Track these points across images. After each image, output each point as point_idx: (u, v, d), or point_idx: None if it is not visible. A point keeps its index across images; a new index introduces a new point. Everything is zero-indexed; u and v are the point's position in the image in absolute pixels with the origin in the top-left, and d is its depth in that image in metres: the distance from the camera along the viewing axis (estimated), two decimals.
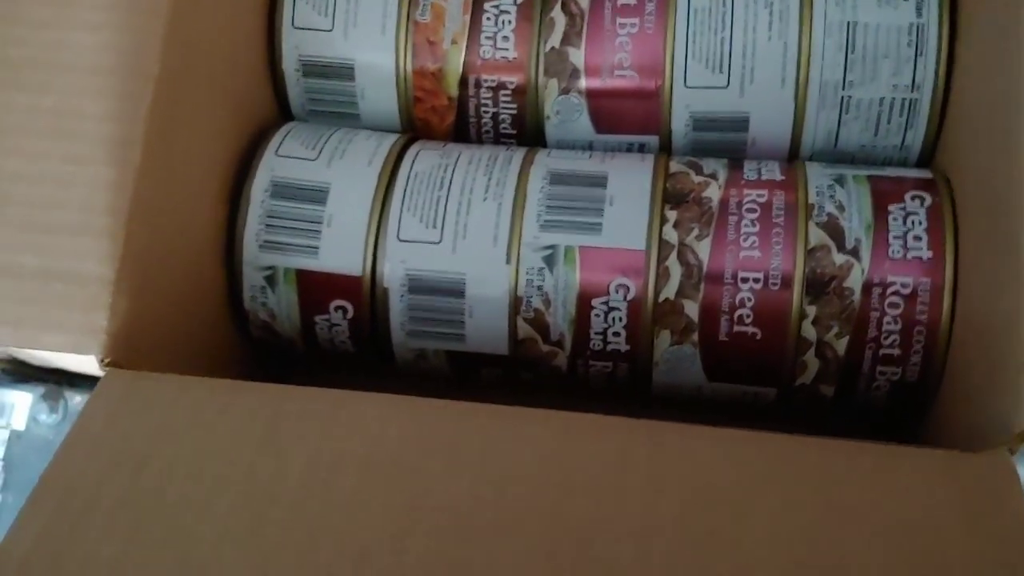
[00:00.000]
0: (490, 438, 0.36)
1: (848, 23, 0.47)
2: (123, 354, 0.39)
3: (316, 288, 0.47)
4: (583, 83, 0.49)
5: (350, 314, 0.47)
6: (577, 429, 0.36)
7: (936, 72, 0.47)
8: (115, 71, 0.41)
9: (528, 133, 0.51)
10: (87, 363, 0.40)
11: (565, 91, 0.50)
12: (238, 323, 0.49)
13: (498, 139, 0.52)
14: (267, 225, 0.47)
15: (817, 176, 0.47)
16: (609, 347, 0.46)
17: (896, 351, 0.44)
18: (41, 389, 0.43)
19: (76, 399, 0.43)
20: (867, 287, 0.44)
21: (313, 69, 0.51)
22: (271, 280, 0.47)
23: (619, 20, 0.49)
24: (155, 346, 0.42)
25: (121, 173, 0.40)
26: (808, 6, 0.48)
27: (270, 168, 0.48)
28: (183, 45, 0.43)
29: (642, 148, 0.51)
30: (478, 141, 0.52)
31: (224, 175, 0.48)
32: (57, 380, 0.43)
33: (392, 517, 0.34)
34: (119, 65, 0.41)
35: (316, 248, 0.47)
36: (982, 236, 0.42)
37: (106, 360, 0.39)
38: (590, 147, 0.51)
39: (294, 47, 0.51)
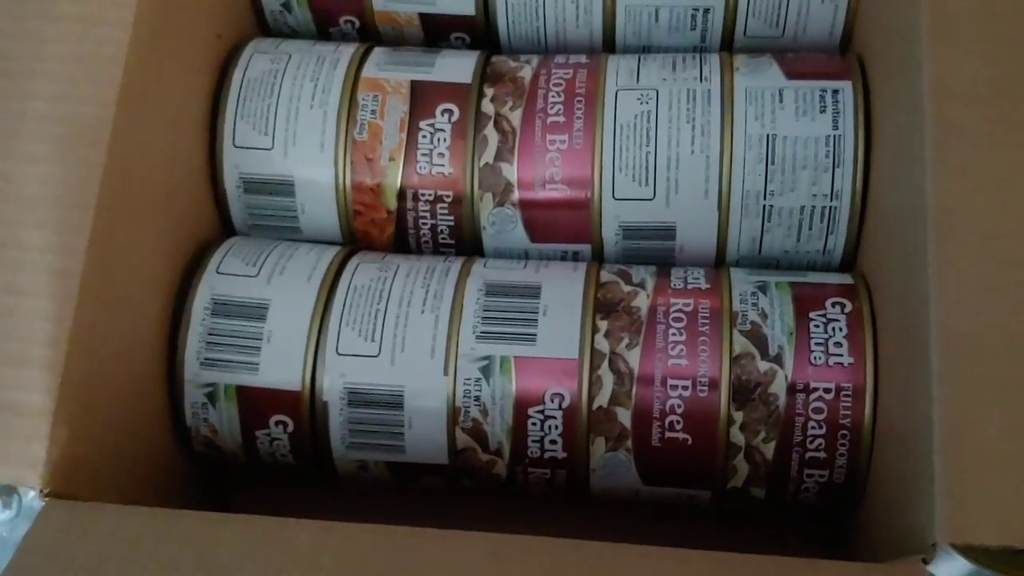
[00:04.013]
0: (422, 563, 0.37)
1: (768, 136, 0.49)
2: (63, 483, 0.40)
3: (257, 404, 0.48)
4: (516, 196, 0.51)
5: (290, 428, 0.48)
6: (507, 551, 0.37)
7: (853, 181, 0.49)
8: (55, 202, 0.42)
9: (466, 242, 0.53)
10: None
11: (500, 204, 0.51)
12: (180, 440, 0.49)
13: (437, 248, 0.53)
14: (208, 343, 0.48)
15: (741, 283, 0.48)
16: (546, 455, 0.47)
17: (822, 454, 0.46)
18: None
19: (30, 494, 0.42)
20: (791, 392, 0.46)
21: (254, 186, 0.52)
22: (212, 397, 0.48)
23: (549, 137, 0.50)
24: (97, 470, 0.43)
25: (61, 304, 0.41)
26: (729, 120, 0.50)
27: (211, 286, 0.49)
28: (123, 172, 0.44)
29: (576, 255, 0.52)
30: (418, 251, 0.53)
31: (166, 294, 0.49)
32: None
33: None
34: (59, 196, 0.42)
35: (256, 364, 0.48)
36: (899, 343, 0.44)
37: (45, 491, 0.39)
38: (526, 255, 0.53)
39: (235, 166, 0.52)
